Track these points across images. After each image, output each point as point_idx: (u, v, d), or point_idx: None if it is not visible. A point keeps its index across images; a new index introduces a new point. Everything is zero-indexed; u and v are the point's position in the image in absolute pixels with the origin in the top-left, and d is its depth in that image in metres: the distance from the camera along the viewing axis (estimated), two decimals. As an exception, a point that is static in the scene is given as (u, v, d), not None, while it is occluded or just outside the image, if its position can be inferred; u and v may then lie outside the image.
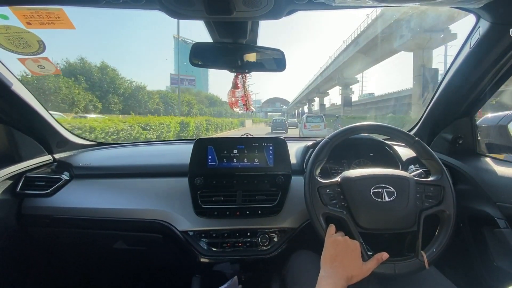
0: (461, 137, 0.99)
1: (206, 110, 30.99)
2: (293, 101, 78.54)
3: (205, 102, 33.76)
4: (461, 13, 0.75)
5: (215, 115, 30.96)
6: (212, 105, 37.53)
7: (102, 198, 0.97)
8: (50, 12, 0.73)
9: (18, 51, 0.84)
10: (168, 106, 24.36)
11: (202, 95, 38.88)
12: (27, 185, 0.96)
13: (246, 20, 0.69)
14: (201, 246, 0.90)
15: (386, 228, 0.67)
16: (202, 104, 33.19)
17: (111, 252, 1.08)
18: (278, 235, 0.93)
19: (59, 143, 1.13)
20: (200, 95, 38.59)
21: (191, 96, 29.21)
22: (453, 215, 0.67)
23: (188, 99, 28.17)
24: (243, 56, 0.83)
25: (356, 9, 0.65)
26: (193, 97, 31.70)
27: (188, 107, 27.16)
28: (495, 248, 0.81)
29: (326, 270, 0.58)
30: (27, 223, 0.97)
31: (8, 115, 0.96)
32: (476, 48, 0.79)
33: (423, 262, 0.62)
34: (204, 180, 0.93)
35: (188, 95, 31.72)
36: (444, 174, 0.71)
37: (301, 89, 55.29)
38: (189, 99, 27.71)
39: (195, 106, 26.34)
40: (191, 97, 28.51)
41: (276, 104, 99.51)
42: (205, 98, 36.40)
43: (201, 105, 31.07)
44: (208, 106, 34.36)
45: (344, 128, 0.79)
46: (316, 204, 0.69)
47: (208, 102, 36.60)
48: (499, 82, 0.86)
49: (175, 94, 26.75)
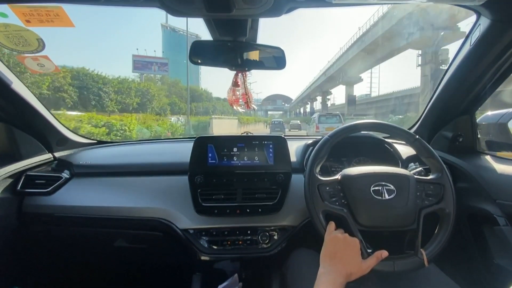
0: (461, 135, 0.99)
1: (182, 105, 21.16)
2: (296, 99, 73.49)
3: (186, 96, 23.59)
4: (468, 12, 0.74)
5: (199, 113, 23.55)
6: (196, 100, 27.77)
7: (103, 196, 0.97)
8: (50, 10, 0.73)
9: (18, 49, 0.84)
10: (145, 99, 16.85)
11: (180, 86, 27.67)
12: (28, 183, 0.96)
13: (246, 17, 0.69)
14: (201, 244, 0.90)
15: (385, 226, 0.67)
16: (180, 98, 23.11)
17: (111, 250, 1.09)
18: (278, 233, 0.93)
19: (59, 141, 1.13)
20: (178, 86, 27.91)
21: (155, 87, 20.31)
22: (452, 214, 0.67)
23: (151, 89, 17.99)
24: (243, 54, 0.83)
25: (356, 6, 0.65)
26: (158, 87, 22.40)
27: (150, 100, 17.56)
28: (495, 246, 0.81)
29: (325, 267, 0.58)
30: (27, 222, 0.97)
31: (8, 114, 0.96)
32: (476, 46, 0.79)
33: (423, 260, 0.63)
34: (204, 178, 0.93)
35: (154, 84, 22.36)
36: (444, 172, 0.71)
37: (305, 86, 52.22)
38: (152, 89, 18.01)
39: (155, 99, 17.75)
40: (154, 88, 19.25)
41: (277, 101, 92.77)
42: (186, 91, 25.16)
43: (174, 98, 21.69)
44: (191, 101, 23.90)
45: (345, 126, 0.79)
46: (316, 201, 0.69)
47: (190, 96, 25.45)
48: (499, 79, 0.86)
49: (142, 83, 19.65)
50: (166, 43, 74.28)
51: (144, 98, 16.89)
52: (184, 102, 21.57)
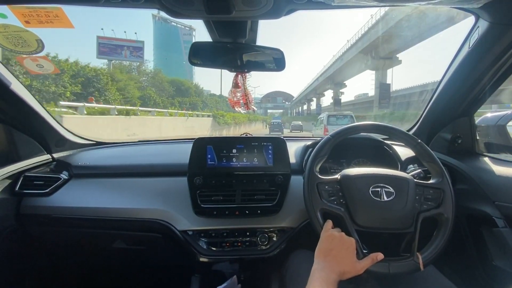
0: (460, 136, 0.99)
1: (159, 99, 16.75)
2: (299, 95, 67.49)
3: (168, 89, 20.51)
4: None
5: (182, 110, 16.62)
6: (181, 94, 22.46)
7: (101, 197, 0.97)
8: (49, 11, 0.73)
9: (17, 50, 0.84)
10: (93, 89, 11.48)
11: (160, 77, 22.45)
12: (26, 184, 0.95)
13: (246, 19, 0.69)
14: (200, 246, 0.90)
15: (383, 227, 0.67)
16: (161, 91, 19.45)
17: (110, 251, 1.08)
18: (277, 235, 0.93)
19: (58, 142, 1.13)
20: (158, 77, 22.26)
21: (123, 75, 16.05)
22: (451, 219, 0.67)
23: (103, 77, 12.21)
24: (242, 56, 0.83)
25: (357, 8, 0.65)
26: (127, 76, 17.25)
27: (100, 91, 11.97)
28: (494, 248, 0.81)
29: (319, 263, 0.59)
30: (26, 223, 0.96)
31: (7, 114, 0.96)
32: (475, 48, 0.79)
33: (418, 264, 0.63)
34: (203, 179, 0.93)
35: (121, 73, 16.83)
36: (445, 178, 0.71)
37: (311, 79, 47.60)
38: (104, 78, 12.26)
39: (108, 89, 12.19)
40: (122, 77, 15.27)
41: (277, 99, 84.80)
42: (169, 83, 21.77)
43: (150, 91, 16.89)
44: (176, 96, 20.73)
45: (347, 127, 0.79)
46: (314, 199, 0.69)
47: (173, 89, 21.66)
48: (498, 81, 0.86)
49: (103, 69, 13.92)
50: (157, 35, 70.08)
51: (90, 87, 11.60)
52: (165, 96, 18.28)
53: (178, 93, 22.45)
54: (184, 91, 24.28)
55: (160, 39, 69.75)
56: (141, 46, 22.22)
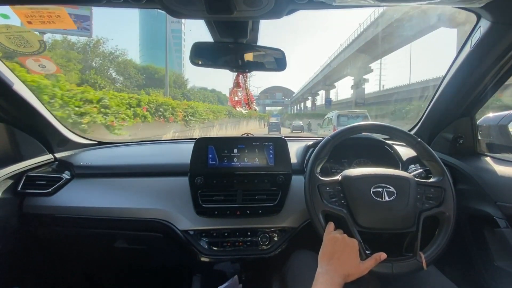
0: (461, 136, 0.99)
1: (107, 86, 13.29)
2: (300, 90, 61.22)
3: (135, 76, 17.09)
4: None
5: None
6: (154, 84, 18.92)
7: (103, 197, 0.98)
8: (51, 11, 0.74)
9: (19, 50, 0.84)
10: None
11: (121, 62, 17.91)
12: (28, 184, 0.96)
13: (247, 19, 0.69)
14: (201, 245, 0.90)
15: (385, 227, 0.67)
16: (127, 79, 16.27)
17: (112, 251, 1.09)
18: (278, 235, 0.93)
19: (60, 142, 1.13)
20: (121, 60, 17.91)
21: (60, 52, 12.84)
22: (453, 217, 0.67)
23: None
24: (243, 56, 0.83)
25: (357, 8, 0.65)
26: (60, 53, 14.07)
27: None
28: (496, 248, 0.81)
29: (323, 267, 0.58)
30: (28, 222, 0.97)
31: (9, 114, 0.96)
32: (476, 48, 0.79)
33: (421, 263, 0.62)
34: (205, 179, 0.93)
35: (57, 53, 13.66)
36: (446, 176, 0.71)
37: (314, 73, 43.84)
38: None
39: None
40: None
41: (276, 95, 76.66)
42: (136, 69, 17.62)
43: (95, 76, 13.66)
44: (144, 86, 17.30)
45: (347, 127, 0.79)
46: (316, 201, 0.69)
47: (142, 77, 18.32)
48: (500, 81, 0.86)
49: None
50: (143, 23, 67.62)
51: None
52: (132, 86, 14.16)
53: (150, 83, 18.83)
54: (157, 80, 20.33)
55: (146, 27, 67.74)
56: (87, 15, 14.60)
